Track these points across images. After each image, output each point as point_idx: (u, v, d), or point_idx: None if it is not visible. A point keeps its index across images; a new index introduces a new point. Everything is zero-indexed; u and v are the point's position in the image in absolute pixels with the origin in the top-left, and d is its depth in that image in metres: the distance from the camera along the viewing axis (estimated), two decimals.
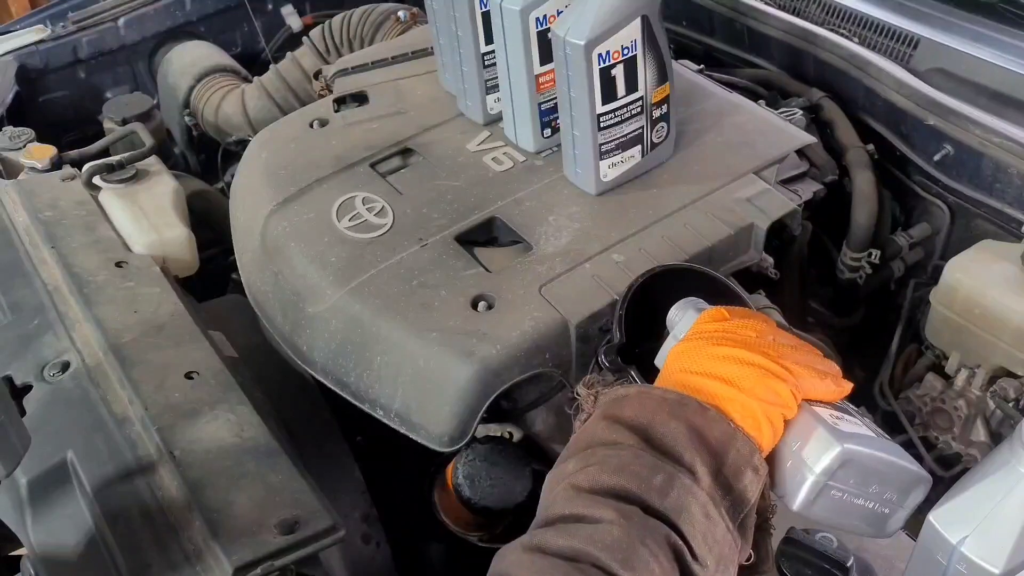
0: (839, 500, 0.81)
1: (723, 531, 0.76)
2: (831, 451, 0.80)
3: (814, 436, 0.82)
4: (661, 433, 0.78)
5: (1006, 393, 1.34)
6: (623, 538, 0.72)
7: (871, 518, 0.84)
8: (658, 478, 0.76)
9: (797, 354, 0.85)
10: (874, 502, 0.83)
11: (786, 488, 0.82)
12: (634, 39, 1.19)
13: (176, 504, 0.99)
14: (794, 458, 0.82)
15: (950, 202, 1.51)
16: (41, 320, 1.25)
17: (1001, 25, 1.52)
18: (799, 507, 0.81)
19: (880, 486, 0.83)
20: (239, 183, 1.48)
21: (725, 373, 0.82)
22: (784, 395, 0.81)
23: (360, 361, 1.16)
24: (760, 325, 0.87)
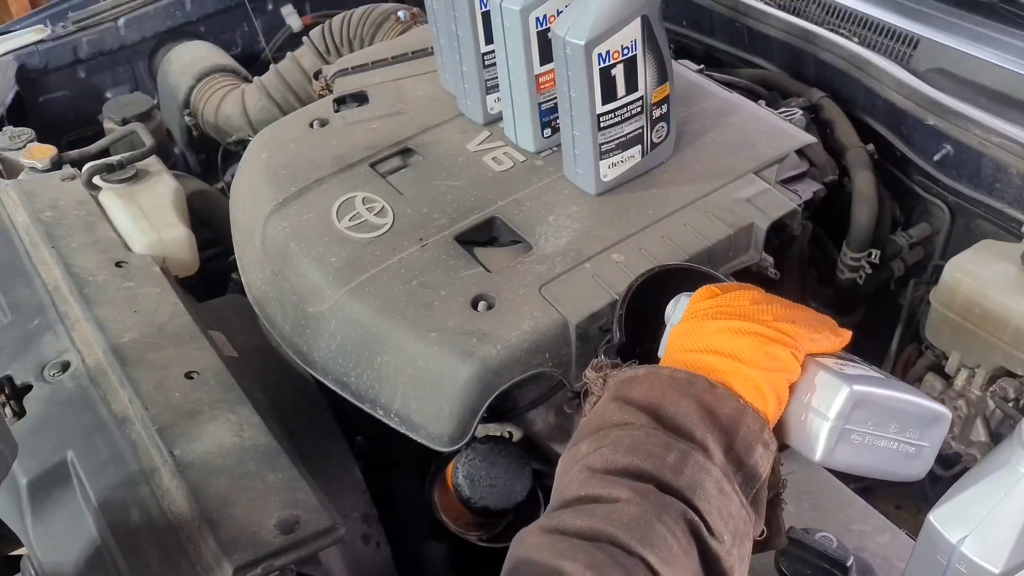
0: (860, 444, 0.81)
1: (737, 506, 0.76)
2: (841, 393, 0.79)
3: (821, 383, 0.82)
4: (672, 412, 0.78)
5: (1006, 393, 1.34)
6: (640, 516, 0.72)
7: (897, 459, 0.83)
8: (671, 456, 0.76)
9: (792, 313, 0.85)
10: (896, 442, 0.82)
11: (806, 441, 0.82)
12: (634, 39, 1.19)
13: (176, 504, 0.99)
14: (807, 411, 0.82)
15: (950, 202, 1.51)
16: (41, 320, 1.25)
17: (1001, 25, 1.52)
18: (821, 457, 0.80)
19: (900, 425, 0.82)
20: (239, 183, 1.48)
21: (724, 347, 0.82)
22: (785, 359, 0.81)
23: (360, 361, 1.16)
24: (752, 294, 0.87)
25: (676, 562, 0.71)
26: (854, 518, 1.07)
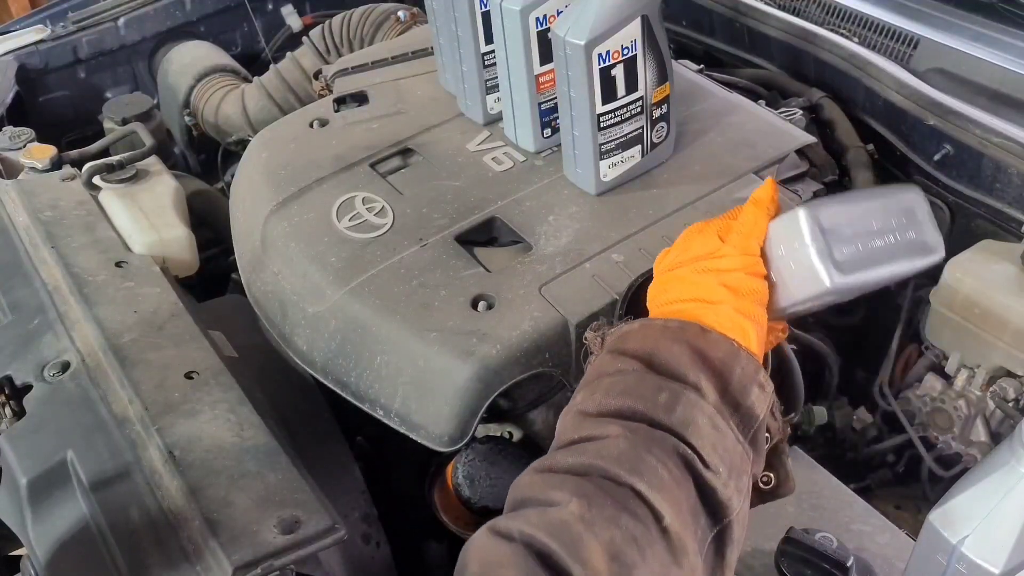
0: (859, 252, 0.81)
1: (733, 441, 0.77)
2: (798, 217, 0.81)
3: (779, 230, 0.83)
4: (665, 358, 0.79)
5: (1006, 393, 1.34)
6: (629, 449, 0.73)
7: (905, 250, 0.83)
8: (663, 396, 0.77)
9: (725, 225, 0.87)
10: (891, 236, 0.83)
11: (810, 279, 0.81)
12: (634, 39, 1.19)
13: (176, 504, 0.99)
14: (789, 259, 0.82)
15: (950, 202, 1.51)
16: (41, 320, 1.25)
17: (1001, 25, 1.52)
18: (831, 278, 0.80)
19: (880, 221, 0.83)
20: (239, 183, 1.48)
21: (692, 293, 0.84)
22: (744, 283, 0.82)
23: (360, 361, 1.16)
24: (694, 235, 0.89)
25: (667, 490, 0.72)
26: (854, 518, 1.07)
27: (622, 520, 0.69)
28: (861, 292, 0.85)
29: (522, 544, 0.67)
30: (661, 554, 0.70)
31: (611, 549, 0.68)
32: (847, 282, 0.81)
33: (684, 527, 0.71)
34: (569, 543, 0.67)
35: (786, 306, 0.85)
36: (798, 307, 0.86)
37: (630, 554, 0.68)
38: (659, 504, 0.71)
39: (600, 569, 0.66)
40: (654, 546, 0.69)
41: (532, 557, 0.66)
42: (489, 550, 0.68)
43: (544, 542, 0.67)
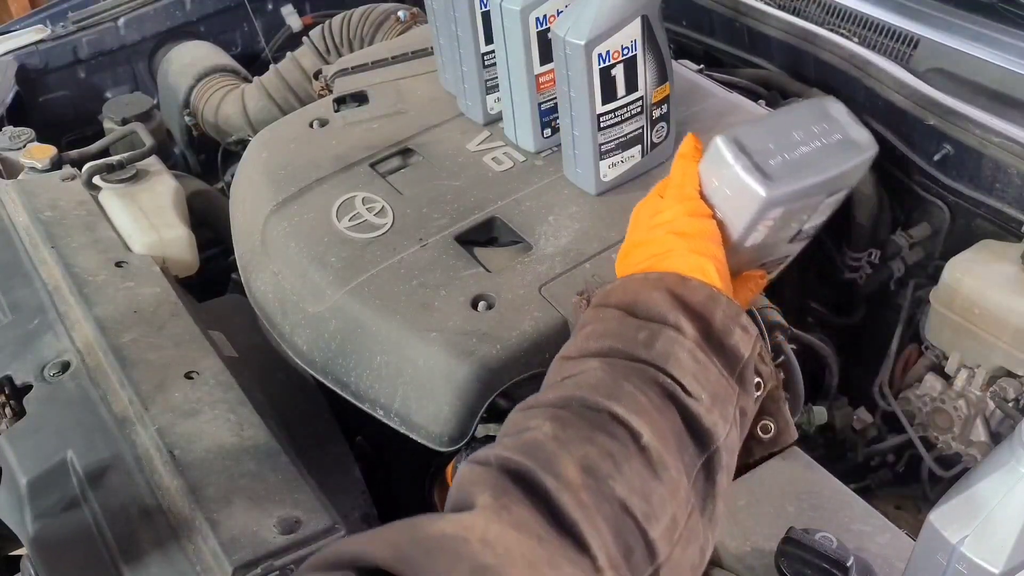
0: (787, 161, 0.83)
1: (715, 374, 0.77)
2: (717, 144, 0.83)
3: (707, 165, 0.86)
4: (645, 304, 0.80)
5: (1006, 393, 1.34)
6: (606, 378, 0.74)
7: (834, 153, 0.85)
8: (642, 334, 0.77)
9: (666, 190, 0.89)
10: (816, 141, 0.84)
11: (745, 196, 0.83)
12: (634, 39, 1.19)
13: (176, 504, 0.99)
14: (724, 188, 0.84)
15: (950, 202, 1.51)
16: (41, 320, 1.25)
17: (1001, 25, 1.52)
18: (763, 188, 0.81)
19: (800, 130, 0.85)
20: (239, 183, 1.48)
21: (649, 251, 0.85)
22: (689, 224, 0.84)
23: (360, 361, 1.16)
24: (639, 208, 0.92)
25: (646, 412, 0.72)
26: (854, 518, 1.06)
27: (597, 438, 0.70)
28: (805, 202, 0.86)
29: (497, 466, 0.67)
30: (639, 468, 0.69)
31: (585, 463, 0.67)
32: (782, 190, 0.82)
33: (665, 446, 0.71)
34: (543, 459, 0.67)
35: (740, 237, 0.86)
36: (753, 235, 0.86)
37: (605, 467, 0.68)
38: (637, 425, 0.71)
39: (573, 480, 0.66)
40: (631, 461, 0.69)
41: (506, 475, 0.66)
42: (465, 475, 0.68)
43: (518, 461, 0.67)
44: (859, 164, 0.86)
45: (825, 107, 0.88)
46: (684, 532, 0.70)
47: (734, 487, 1.10)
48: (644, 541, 0.67)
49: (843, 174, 0.86)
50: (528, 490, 0.65)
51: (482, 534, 0.61)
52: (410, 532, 0.62)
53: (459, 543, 0.60)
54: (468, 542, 0.60)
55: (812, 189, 0.85)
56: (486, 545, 0.60)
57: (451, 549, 0.60)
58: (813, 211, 0.88)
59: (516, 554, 0.61)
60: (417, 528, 0.62)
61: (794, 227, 0.89)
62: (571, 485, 0.66)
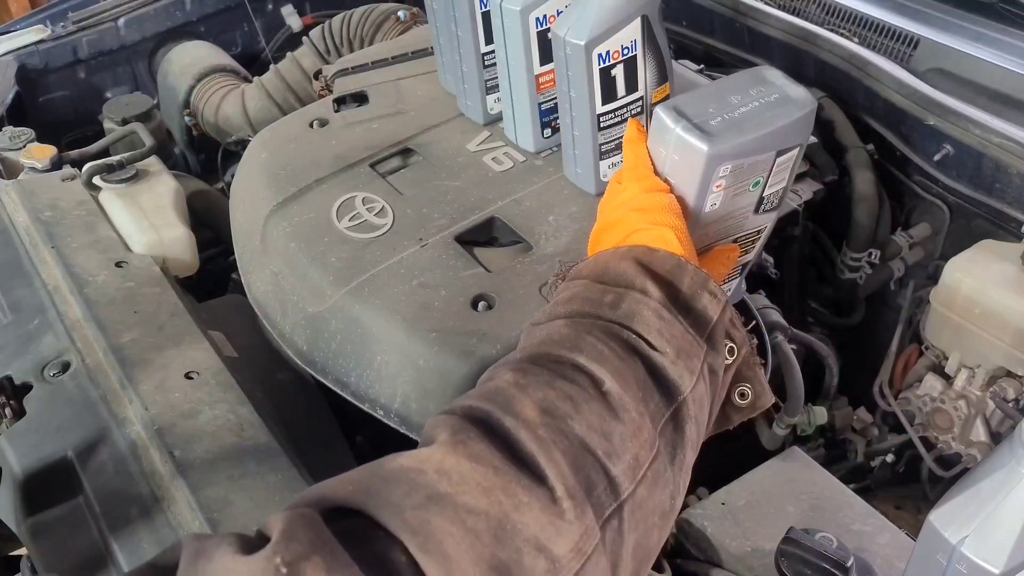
0: (726, 120, 0.86)
1: (680, 330, 0.78)
2: (658, 115, 0.87)
3: (652, 138, 0.89)
4: (613, 272, 0.82)
5: (1006, 393, 1.34)
6: (570, 333, 0.76)
7: (773, 110, 0.88)
8: (608, 297, 0.80)
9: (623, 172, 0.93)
10: (754, 103, 0.88)
11: (690, 160, 0.85)
12: (634, 39, 1.19)
13: (176, 504, 0.99)
14: (672, 154, 0.87)
15: (950, 202, 1.51)
16: (41, 320, 1.25)
17: (1001, 25, 1.52)
18: (707, 145, 0.84)
19: (739, 93, 0.88)
20: (239, 183, 1.48)
21: (616, 233, 0.88)
22: (647, 199, 0.87)
23: (360, 361, 1.16)
24: (603, 199, 0.95)
25: (608, 361, 0.73)
26: (854, 518, 1.07)
27: (557, 383, 0.71)
28: (753, 159, 0.88)
29: (460, 414, 0.69)
30: (598, 410, 0.71)
31: (544, 404, 0.69)
32: (724, 145, 0.84)
33: (627, 391, 0.72)
34: (502, 402, 0.69)
35: (697, 203, 0.88)
36: (709, 198, 0.88)
37: (564, 407, 0.69)
38: (598, 372, 0.73)
39: (531, 418, 0.68)
40: (591, 403, 0.71)
41: (466, 419, 0.68)
42: (430, 423, 0.70)
43: (479, 406, 0.69)
44: (799, 119, 0.89)
45: (761, 73, 0.92)
46: (649, 473, 0.71)
47: (734, 487, 1.10)
48: (607, 477, 0.68)
49: (784, 128, 0.88)
50: (487, 429, 0.67)
51: (438, 465, 0.63)
52: (371, 470, 0.64)
53: (416, 474, 0.63)
54: (424, 472, 0.63)
55: (756, 144, 0.87)
56: (442, 475, 0.63)
57: (407, 480, 0.62)
58: (767, 172, 0.90)
59: (471, 482, 0.62)
60: (377, 466, 0.65)
61: (753, 192, 0.91)
62: (529, 423, 0.67)
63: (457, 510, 0.61)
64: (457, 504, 0.61)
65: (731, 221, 0.93)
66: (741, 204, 0.91)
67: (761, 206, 0.93)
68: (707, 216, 0.89)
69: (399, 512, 0.60)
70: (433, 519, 0.60)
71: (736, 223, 0.94)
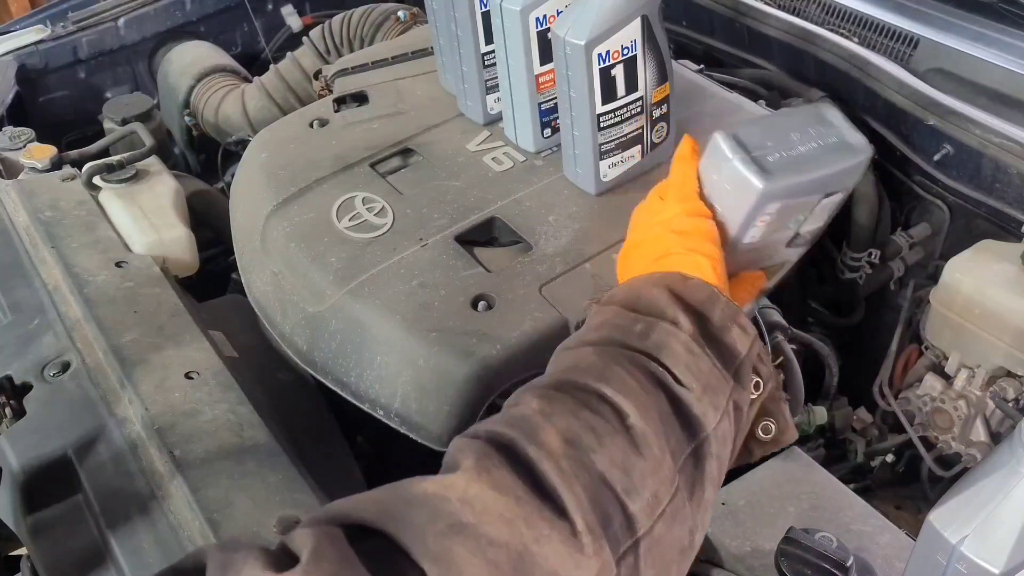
0: (783, 158, 0.84)
1: (708, 365, 0.78)
2: (716, 141, 0.85)
3: (706, 162, 0.87)
4: (645, 301, 0.82)
5: (1006, 393, 1.34)
6: (598, 362, 0.76)
7: (830, 154, 0.86)
8: (639, 326, 0.79)
9: (666, 191, 0.91)
10: (813, 142, 0.87)
11: (741, 190, 0.84)
12: (634, 39, 1.19)
13: (176, 504, 0.99)
14: (723, 183, 0.86)
15: (950, 202, 1.51)
16: (41, 320, 1.25)
17: (1001, 25, 1.52)
18: (760, 182, 0.83)
19: (799, 131, 0.87)
20: (239, 183, 1.48)
21: (649, 252, 0.87)
22: (687, 223, 0.86)
23: (360, 361, 1.16)
24: (639, 211, 0.94)
25: (634, 394, 0.73)
26: (854, 518, 1.06)
27: (582, 414, 0.71)
28: (800, 200, 0.87)
29: (484, 439, 0.69)
30: (621, 444, 0.71)
31: (567, 435, 0.69)
32: (779, 183, 0.83)
33: (650, 426, 0.72)
34: (527, 430, 0.69)
35: (738, 233, 0.87)
36: (750, 232, 0.87)
37: (587, 440, 0.69)
38: (624, 404, 0.72)
39: (555, 449, 0.68)
40: (614, 437, 0.71)
41: (490, 444, 0.68)
42: (454, 445, 0.70)
43: (504, 432, 0.69)
44: (854, 166, 0.88)
45: (822, 111, 0.91)
46: (668, 509, 0.71)
47: (734, 487, 1.10)
48: (623, 513, 0.68)
49: (838, 173, 0.87)
50: (511, 457, 0.67)
51: (462, 493, 0.63)
52: (395, 491, 0.65)
53: (439, 501, 0.63)
54: (448, 500, 0.63)
55: (808, 186, 0.86)
56: (465, 503, 0.63)
57: (431, 506, 0.63)
58: (809, 212, 0.89)
59: (493, 512, 0.63)
60: (401, 488, 0.65)
61: (791, 228, 0.90)
62: (552, 454, 0.67)
63: (479, 540, 0.62)
64: (479, 534, 0.62)
65: (763, 252, 0.92)
66: (777, 238, 0.91)
67: (794, 241, 0.93)
68: (743, 246, 0.89)
69: (422, 538, 0.61)
70: (455, 548, 0.61)
71: (766, 254, 0.93)
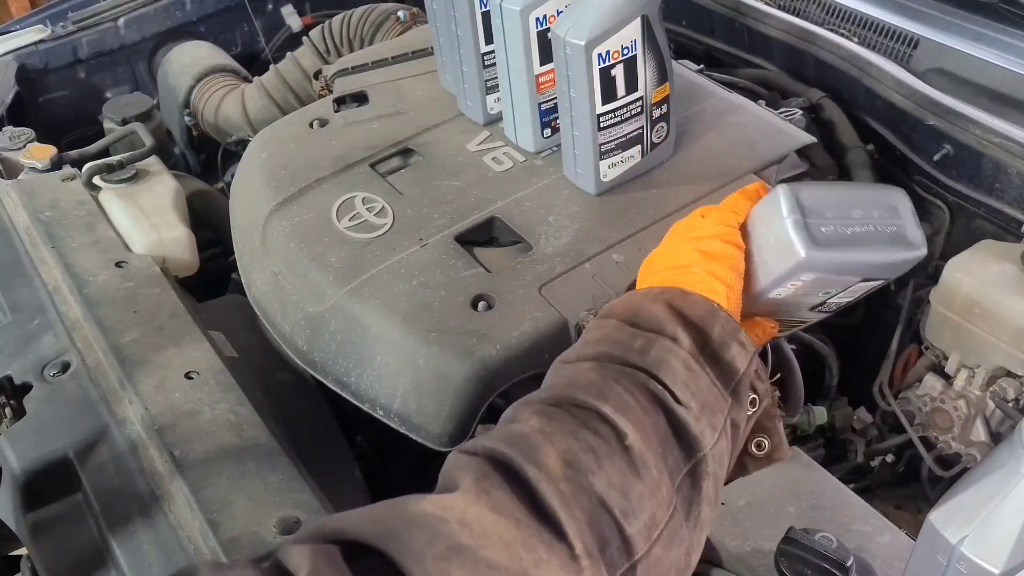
0: (835, 232, 0.82)
1: (707, 383, 0.77)
2: (778, 193, 0.82)
3: (760, 211, 0.85)
4: (645, 316, 0.81)
5: (1006, 393, 1.34)
6: (597, 379, 0.75)
7: (883, 242, 0.84)
8: (638, 342, 0.79)
9: (711, 211, 0.89)
10: (870, 225, 0.84)
11: (785, 251, 0.82)
12: (634, 39, 1.19)
13: (176, 504, 0.99)
14: (770, 235, 0.83)
15: (950, 202, 1.51)
16: (41, 320, 1.25)
17: (1001, 25, 1.52)
18: (804, 249, 0.80)
19: (862, 210, 0.84)
20: (239, 183, 1.48)
21: (670, 262, 0.86)
22: (717, 247, 0.84)
23: (360, 361, 1.16)
24: (678, 224, 0.92)
25: (632, 413, 0.73)
26: (854, 518, 1.06)
27: (581, 434, 0.71)
28: (838, 277, 0.85)
29: (483, 455, 0.69)
30: (620, 465, 0.70)
31: (567, 456, 0.69)
32: (821, 256, 0.81)
33: (648, 447, 0.72)
34: (526, 450, 0.69)
35: (766, 287, 0.86)
36: (779, 289, 0.86)
37: (586, 461, 0.69)
38: (622, 424, 0.72)
39: (554, 471, 0.67)
40: (612, 458, 0.70)
41: (489, 463, 0.68)
42: (452, 461, 0.70)
43: (502, 451, 0.69)
44: (904, 261, 0.85)
45: (892, 196, 0.87)
46: (665, 532, 0.71)
47: (734, 487, 1.10)
48: (621, 536, 0.68)
49: (885, 264, 0.85)
50: (510, 477, 0.67)
51: (461, 515, 0.63)
52: (393, 509, 0.64)
53: (438, 522, 0.63)
54: (447, 522, 0.63)
55: (850, 268, 0.84)
56: (464, 526, 0.63)
57: (430, 528, 0.62)
58: (844, 289, 0.88)
59: (493, 535, 0.63)
60: (400, 506, 0.65)
61: (820, 297, 0.89)
62: (552, 476, 0.67)
63: (477, 564, 0.61)
64: (478, 558, 0.62)
65: (785, 308, 0.91)
66: (804, 301, 0.89)
67: (818, 308, 0.92)
68: (767, 299, 0.88)
69: (420, 560, 0.61)
70: (454, 572, 0.61)
71: (787, 311, 0.92)
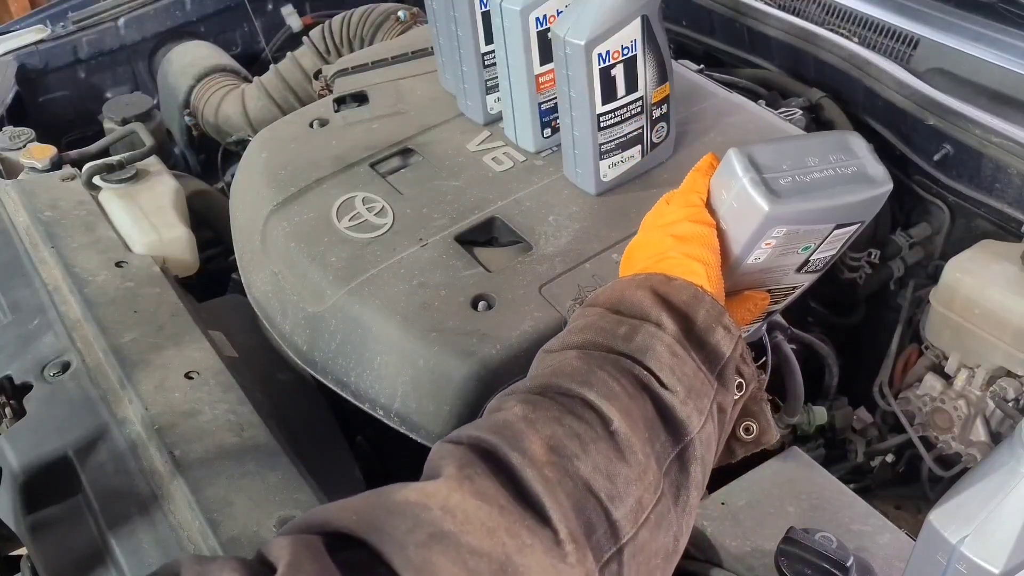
0: (795, 182, 0.82)
1: (693, 368, 0.78)
2: (730, 156, 0.83)
3: (718, 176, 0.86)
4: (629, 302, 0.81)
5: (1006, 393, 1.34)
6: (581, 366, 0.76)
7: (845, 184, 0.83)
8: (623, 329, 0.79)
9: (674, 195, 0.91)
10: (830, 168, 0.84)
11: (749, 210, 0.82)
12: (634, 39, 1.19)
13: (176, 504, 0.99)
14: (731, 201, 0.84)
15: (950, 202, 1.51)
16: (41, 320, 1.25)
17: (1001, 25, 1.52)
18: (768, 205, 0.81)
19: (818, 155, 0.84)
20: (239, 183, 1.48)
21: (647, 253, 0.87)
22: (688, 229, 0.85)
23: (360, 361, 1.16)
24: (647, 216, 0.93)
25: (618, 399, 0.73)
26: (854, 518, 1.06)
27: (566, 420, 0.71)
28: (811, 227, 0.85)
29: (467, 444, 0.69)
30: (605, 450, 0.70)
31: (551, 442, 0.69)
32: (785, 208, 0.81)
33: (634, 432, 0.72)
34: (510, 437, 0.68)
35: (742, 252, 0.86)
36: (755, 252, 0.86)
37: (571, 446, 0.69)
38: (607, 410, 0.72)
39: (538, 456, 0.67)
40: (598, 443, 0.70)
41: (473, 451, 0.68)
42: (436, 451, 0.70)
43: (487, 439, 0.69)
44: (870, 199, 0.85)
45: (845, 139, 0.87)
46: (652, 516, 0.71)
47: (734, 487, 1.10)
48: (607, 520, 0.68)
49: (851, 205, 0.84)
50: (494, 464, 0.67)
51: (443, 502, 0.63)
52: (376, 499, 0.64)
53: (420, 510, 0.63)
54: (429, 509, 0.63)
55: (817, 214, 0.84)
56: (447, 512, 0.62)
57: (412, 515, 0.62)
58: (820, 240, 0.87)
59: (476, 521, 0.62)
60: (383, 496, 0.64)
61: (800, 255, 0.88)
62: (536, 461, 0.67)
63: (460, 550, 0.61)
64: (460, 544, 0.61)
65: (769, 275, 0.90)
66: (785, 263, 0.89)
67: (804, 268, 0.91)
68: (747, 267, 0.87)
69: (403, 549, 0.60)
70: (436, 559, 0.60)
71: (774, 277, 0.91)
